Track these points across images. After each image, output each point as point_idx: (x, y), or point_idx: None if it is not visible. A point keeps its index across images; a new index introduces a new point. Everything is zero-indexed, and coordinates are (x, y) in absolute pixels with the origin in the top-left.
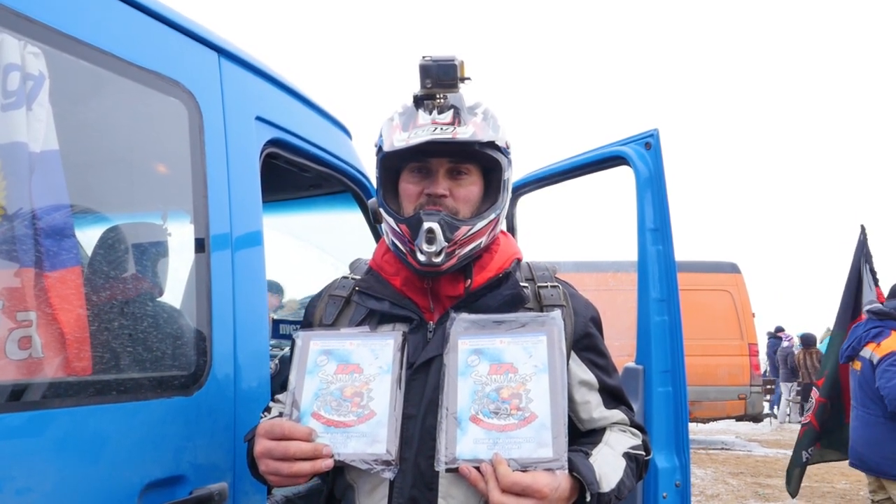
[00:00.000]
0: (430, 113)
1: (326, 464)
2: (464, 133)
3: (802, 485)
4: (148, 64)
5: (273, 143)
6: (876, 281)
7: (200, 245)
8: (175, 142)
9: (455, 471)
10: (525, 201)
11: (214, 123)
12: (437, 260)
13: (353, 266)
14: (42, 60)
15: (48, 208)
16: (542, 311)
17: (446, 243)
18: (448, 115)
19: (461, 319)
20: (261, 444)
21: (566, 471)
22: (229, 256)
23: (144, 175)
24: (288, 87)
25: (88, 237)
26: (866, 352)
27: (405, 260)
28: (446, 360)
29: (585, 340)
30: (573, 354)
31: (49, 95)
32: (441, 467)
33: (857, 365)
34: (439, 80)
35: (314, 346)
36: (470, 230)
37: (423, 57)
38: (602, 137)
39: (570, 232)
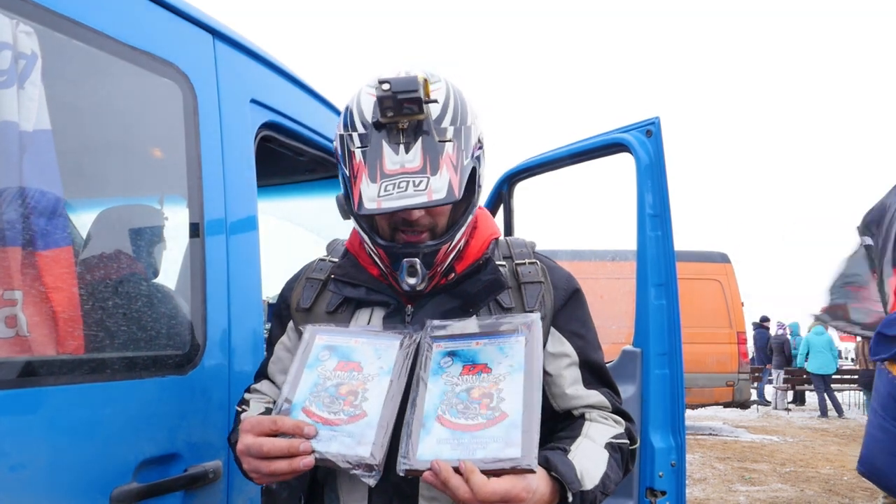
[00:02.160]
0: (398, 151)
1: (305, 462)
2: (439, 190)
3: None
4: (142, 45)
5: (268, 125)
6: None
7: (195, 229)
8: (170, 124)
9: (418, 475)
10: (525, 187)
11: (209, 105)
12: (421, 288)
13: (330, 248)
14: (34, 40)
15: (39, 188)
16: (519, 288)
17: (427, 270)
18: (417, 156)
19: (435, 327)
20: (242, 442)
21: (534, 471)
22: (224, 240)
23: (138, 157)
24: (282, 69)
25: (81, 218)
26: None
27: (386, 277)
28: (419, 366)
29: (565, 313)
30: (551, 329)
31: (41, 75)
32: (401, 470)
33: (893, 366)
34: (401, 110)
35: (319, 341)
36: (449, 247)
37: (379, 83)
38: (603, 125)
39: (569, 219)
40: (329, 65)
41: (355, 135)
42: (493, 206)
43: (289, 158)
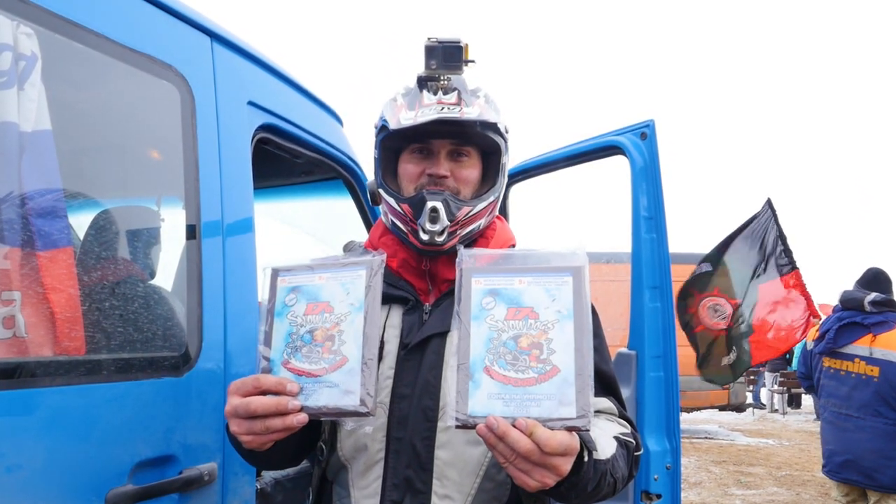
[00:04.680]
0: (435, 94)
1: (298, 419)
2: (470, 113)
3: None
4: (141, 47)
5: (265, 128)
6: (792, 263)
7: (192, 230)
8: (167, 126)
9: (470, 428)
10: (520, 189)
11: (207, 107)
12: (440, 239)
13: (348, 248)
14: (35, 41)
15: (39, 188)
16: None
17: (449, 223)
18: (453, 96)
19: (471, 255)
20: (229, 404)
21: (588, 430)
22: (220, 242)
23: (136, 159)
24: (280, 72)
25: (78, 220)
26: (888, 353)
27: (406, 240)
28: (457, 301)
29: None
30: None
31: (41, 76)
32: (451, 423)
33: (870, 369)
34: (444, 61)
35: (282, 283)
36: (471, 211)
37: (429, 38)
38: (598, 127)
39: (565, 221)
40: (326, 68)
41: (398, 95)
42: None
43: (286, 161)
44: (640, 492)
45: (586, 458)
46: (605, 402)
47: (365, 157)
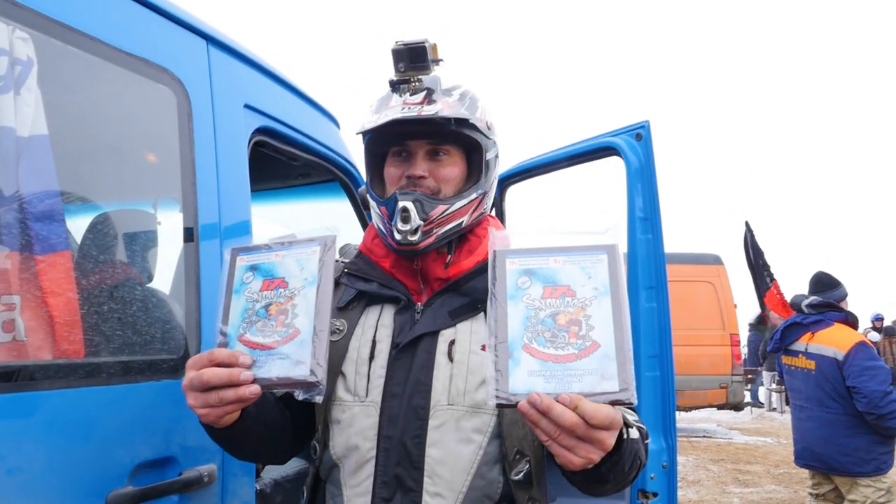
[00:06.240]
0: (402, 95)
1: (251, 390)
2: (429, 111)
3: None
4: (137, 51)
5: (261, 131)
6: (770, 276)
7: (189, 233)
8: (164, 129)
9: (510, 407)
10: (515, 191)
11: (203, 111)
12: (413, 238)
13: (343, 250)
14: (31, 46)
15: (36, 193)
16: None
17: (422, 222)
18: (419, 97)
19: (502, 236)
20: (185, 378)
21: (633, 403)
22: (218, 244)
23: (133, 162)
24: (276, 75)
25: (76, 223)
26: (829, 349)
27: (387, 242)
28: (491, 282)
29: None
30: None
31: (38, 81)
32: (492, 401)
33: (808, 363)
34: (411, 63)
35: (241, 262)
36: (447, 209)
37: (396, 42)
38: (593, 129)
39: (560, 223)
40: (323, 70)
41: (374, 100)
42: None
43: (282, 163)
44: (637, 490)
45: (625, 436)
46: None
47: (361, 159)
